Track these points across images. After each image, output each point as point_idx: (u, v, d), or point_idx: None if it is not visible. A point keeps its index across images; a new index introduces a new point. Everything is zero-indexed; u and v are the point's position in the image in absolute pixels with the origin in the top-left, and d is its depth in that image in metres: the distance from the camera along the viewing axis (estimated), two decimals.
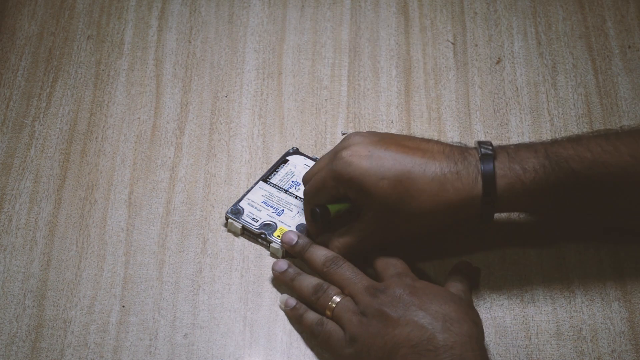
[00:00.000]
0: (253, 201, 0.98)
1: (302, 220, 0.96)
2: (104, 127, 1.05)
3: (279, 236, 0.95)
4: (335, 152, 0.91)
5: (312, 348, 0.90)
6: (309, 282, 0.91)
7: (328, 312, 0.89)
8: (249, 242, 0.97)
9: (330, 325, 0.88)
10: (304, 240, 0.94)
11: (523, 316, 0.92)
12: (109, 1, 1.16)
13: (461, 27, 1.14)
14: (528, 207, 0.94)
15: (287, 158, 1.01)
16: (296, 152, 1.02)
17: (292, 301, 0.92)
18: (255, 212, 0.97)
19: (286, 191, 0.99)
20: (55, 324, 0.91)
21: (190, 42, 1.13)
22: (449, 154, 0.90)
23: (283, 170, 1.00)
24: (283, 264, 0.93)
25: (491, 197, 0.89)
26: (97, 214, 0.99)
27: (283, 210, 0.97)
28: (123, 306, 0.92)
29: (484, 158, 0.89)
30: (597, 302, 0.93)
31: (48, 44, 1.12)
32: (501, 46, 1.13)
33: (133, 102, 1.07)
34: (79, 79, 1.09)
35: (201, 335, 0.91)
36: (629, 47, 1.13)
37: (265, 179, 1.00)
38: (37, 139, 1.04)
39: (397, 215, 0.89)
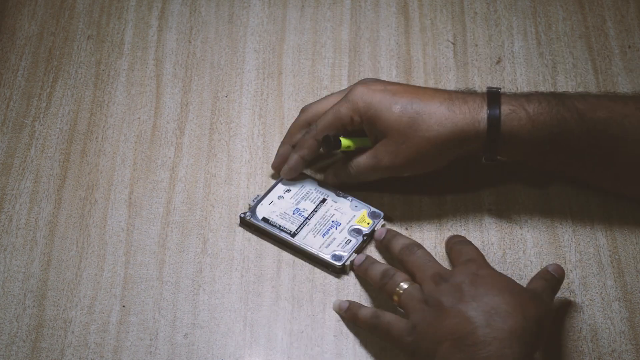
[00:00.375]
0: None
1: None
2: (104, 127, 1.05)
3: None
4: (349, 89, 0.97)
5: (312, 347, 0.90)
6: (378, 268, 0.92)
7: (395, 298, 0.89)
8: (249, 242, 0.97)
9: (388, 316, 0.88)
10: (391, 232, 0.95)
11: None
12: (109, 1, 1.16)
13: (461, 27, 1.14)
14: (531, 142, 0.93)
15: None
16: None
17: (345, 303, 0.92)
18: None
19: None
20: (55, 324, 0.91)
21: (190, 42, 1.13)
22: (455, 91, 0.96)
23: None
24: (361, 257, 0.94)
25: (497, 118, 0.92)
26: (97, 214, 0.99)
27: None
28: (123, 306, 0.92)
29: (489, 89, 0.94)
30: (597, 302, 0.93)
31: (48, 44, 1.12)
32: (501, 46, 1.13)
33: (133, 102, 1.07)
34: (79, 79, 1.09)
35: (201, 335, 0.91)
36: (629, 47, 1.13)
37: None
38: (37, 139, 1.04)
39: (408, 138, 0.93)
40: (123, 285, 0.94)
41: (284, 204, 0.98)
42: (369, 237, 0.97)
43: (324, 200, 0.98)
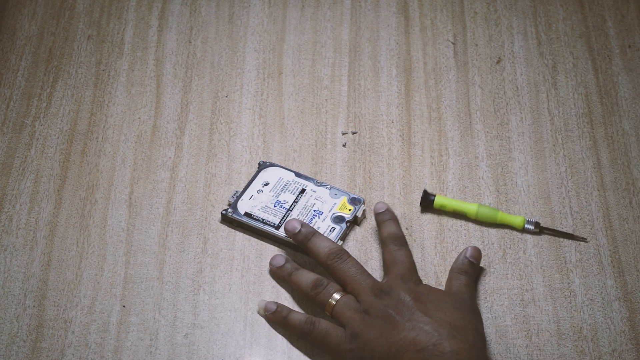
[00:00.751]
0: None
1: None
2: (104, 127, 1.05)
3: None
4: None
5: (312, 347, 0.90)
6: (307, 277, 0.91)
7: (328, 308, 0.89)
8: (249, 242, 0.97)
9: (323, 324, 0.88)
10: (308, 229, 0.94)
11: (523, 316, 0.92)
12: (109, 1, 1.16)
13: (461, 27, 1.14)
14: None
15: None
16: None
17: (272, 305, 0.91)
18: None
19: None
20: (55, 324, 0.91)
21: (190, 42, 1.13)
22: None
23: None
24: (280, 259, 0.93)
25: None
26: (97, 214, 0.99)
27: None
28: (123, 306, 0.92)
29: None
30: (598, 302, 0.93)
31: (48, 44, 1.12)
32: (501, 46, 1.13)
33: (133, 102, 1.07)
34: (79, 79, 1.09)
35: (202, 335, 0.91)
36: (629, 46, 1.13)
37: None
38: (38, 139, 1.04)
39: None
40: (123, 285, 0.94)
41: (264, 198, 0.98)
42: (352, 224, 0.97)
43: (303, 191, 0.99)
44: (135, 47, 1.12)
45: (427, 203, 0.98)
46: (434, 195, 0.98)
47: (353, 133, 1.05)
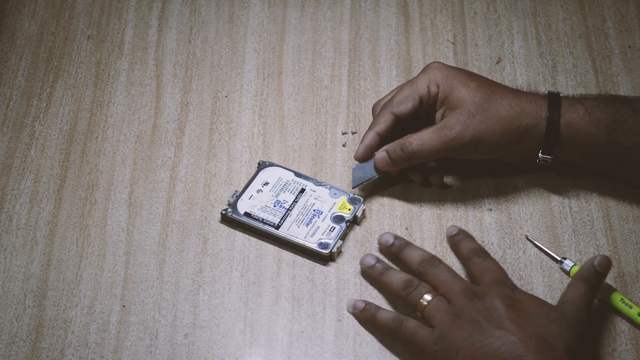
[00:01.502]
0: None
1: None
2: (104, 127, 1.05)
3: None
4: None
5: (312, 347, 0.90)
6: (399, 277, 0.91)
7: (419, 309, 0.89)
8: (249, 242, 0.97)
9: (411, 322, 0.88)
10: (401, 240, 0.94)
11: None
12: (109, 1, 1.16)
13: (461, 27, 1.14)
14: (588, 136, 0.95)
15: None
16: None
17: (361, 303, 0.92)
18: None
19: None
20: (55, 324, 0.91)
21: (190, 42, 1.13)
22: None
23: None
24: (371, 259, 0.93)
25: (558, 104, 0.94)
26: (97, 214, 0.99)
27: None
28: (123, 306, 0.92)
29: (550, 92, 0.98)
30: (597, 302, 0.93)
31: (48, 44, 1.12)
32: (501, 46, 1.13)
33: (133, 102, 1.07)
34: (79, 79, 1.09)
35: (201, 335, 0.91)
36: (629, 47, 1.13)
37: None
38: (37, 139, 1.04)
39: (481, 112, 0.95)
40: (123, 285, 0.94)
41: (263, 197, 0.98)
42: (352, 223, 0.97)
43: (302, 190, 0.99)
44: (135, 47, 1.12)
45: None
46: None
47: (353, 133, 1.05)
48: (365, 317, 0.91)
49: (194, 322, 0.92)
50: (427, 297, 0.89)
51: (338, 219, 0.97)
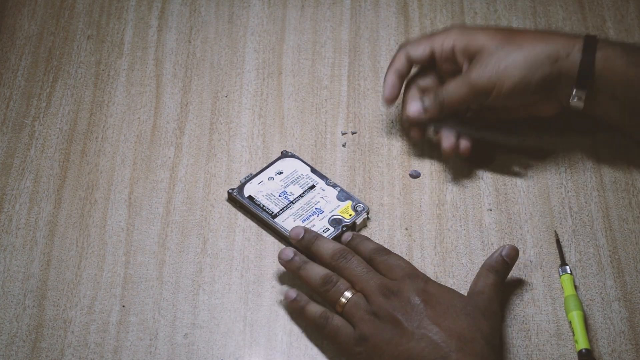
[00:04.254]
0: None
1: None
2: (104, 127, 1.05)
3: None
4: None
5: (312, 347, 0.90)
6: (316, 272, 0.91)
7: (338, 307, 0.89)
8: (249, 242, 0.97)
9: (337, 320, 0.88)
10: (311, 233, 0.94)
11: (523, 316, 0.92)
12: (109, 1, 1.16)
13: None
14: (625, 77, 0.93)
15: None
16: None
17: (293, 293, 0.91)
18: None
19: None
20: (55, 324, 0.91)
21: (190, 42, 1.13)
22: None
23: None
24: (289, 252, 0.92)
25: (593, 37, 0.93)
26: (97, 214, 0.99)
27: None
28: (123, 306, 0.92)
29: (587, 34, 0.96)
30: (597, 302, 0.93)
31: (48, 44, 1.12)
32: None
33: (133, 102, 1.07)
34: (79, 79, 1.09)
35: (201, 335, 0.91)
36: None
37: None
38: (37, 139, 1.04)
39: (502, 49, 0.94)
40: (123, 285, 0.94)
41: (272, 185, 0.98)
42: (349, 229, 0.97)
43: (312, 187, 0.99)
44: (135, 47, 1.12)
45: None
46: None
47: (353, 133, 1.05)
48: (295, 308, 0.91)
49: (194, 322, 0.92)
50: (347, 294, 0.89)
51: (336, 221, 0.97)
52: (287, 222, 0.96)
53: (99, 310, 0.92)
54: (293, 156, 1.01)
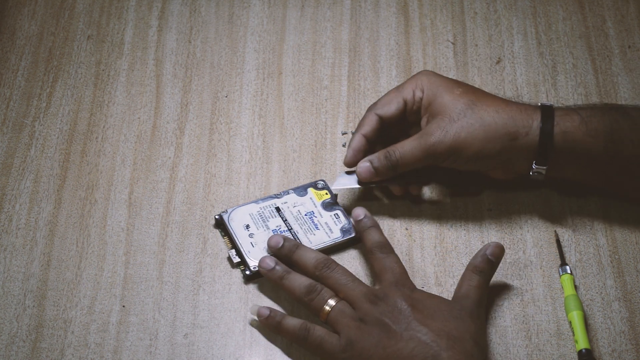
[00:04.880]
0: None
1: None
2: (104, 127, 1.05)
3: None
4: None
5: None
6: (300, 281, 0.90)
7: (323, 315, 0.89)
8: None
9: (319, 330, 0.88)
10: (291, 242, 0.93)
11: (523, 316, 0.92)
12: (109, 1, 1.16)
13: (461, 27, 1.14)
14: (585, 147, 0.92)
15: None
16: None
17: (265, 310, 0.90)
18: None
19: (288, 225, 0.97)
20: (55, 324, 0.91)
21: (190, 42, 1.13)
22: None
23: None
24: (270, 262, 0.92)
25: (550, 113, 0.92)
26: (97, 214, 0.99)
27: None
28: (123, 306, 0.92)
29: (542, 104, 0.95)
30: (597, 302, 0.93)
31: (48, 44, 1.12)
32: (501, 46, 1.13)
33: (133, 102, 1.07)
34: (79, 79, 1.09)
35: (201, 335, 0.91)
36: (629, 47, 1.13)
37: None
38: (37, 139, 1.04)
39: (463, 117, 0.93)
40: (123, 285, 0.94)
41: (261, 237, 0.95)
42: (335, 201, 0.98)
43: (278, 209, 0.98)
44: (135, 47, 1.12)
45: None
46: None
47: (353, 133, 1.05)
48: (270, 325, 0.90)
49: (194, 322, 0.92)
50: (331, 302, 0.88)
51: (328, 205, 0.97)
52: (314, 240, 0.95)
53: (99, 310, 0.92)
54: (228, 211, 0.97)
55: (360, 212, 0.94)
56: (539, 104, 0.95)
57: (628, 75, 1.10)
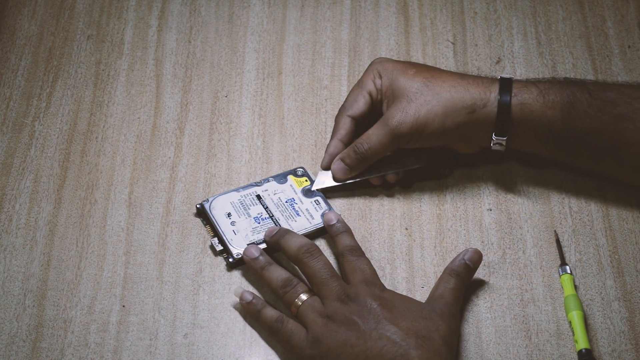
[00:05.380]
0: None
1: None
2: (104, 127, 1.05)
3: None
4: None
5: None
6: (278, 274, 0.91)
7: (293, 309, 0.89)
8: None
9: (291, 324, 0.88)
10: (283, 229, 0.94)
11: (523, 316, 0.92)
12: (109, 1, 1.16)
13: (461, 27, 1.14)
14: (543, 119, 0.94)
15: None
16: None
17: (249, 295, 0.91)
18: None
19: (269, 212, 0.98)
20: (55, 324, 0.91)
21: (190, 42, 1.13)
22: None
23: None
24: (255, 251, 0.93)
25: (509, 84, 0.94)
26: (97, 214, 0.99)
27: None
28: (123, 306, 0.92)
29: (502, 76, 0.96)
30: (597, 302, 0.93)
31: (48, 44, 1.12)
32: (501, 46, 1.13)
33: (133, 102, 1.07)
34: (79, 79, 1.09)
35: (201, 335, 0.91)
36: (629, 47, 1.13)
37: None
38: (37, 138, 1.04)
39: (420, 96, 0.94)
40: (123, 285, 0.94)
41: (244, 224, 0.96)
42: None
43: (259, 197, 0.98)
44: (135, 47, 1.12)
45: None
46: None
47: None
48: (251, 311, 0.91)
49: (194, 322, 0.92)
50: (303, 297, 0.89)
51: (309, 192, 0.99)
52: (295, 226, 0.97)
53: (99, 310, 0.92)
54: (209, 200, 0.98)
55: (332, 216, 0.96)
56: (499, 76, 0.96)
57: (628, 75, 1.10)
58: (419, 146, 0.97)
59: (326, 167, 1.00)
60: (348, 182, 0.99)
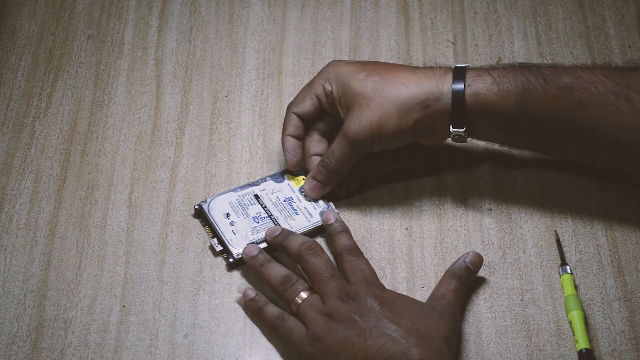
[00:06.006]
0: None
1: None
2: (104, 127, 1.05)
3: None
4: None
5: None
6: (277, 271, 0.91)
7: (293, 307, 0.89)
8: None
9: (292, 322, 0.88)
10: (286, 230, 0.94)
11: (523, 316, 0.92)
12: (109, 1, 1.16)
13: (461, 27, 1.14)
14: (498, 108, 0.93)
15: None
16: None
17: (251, 292, 0.91)
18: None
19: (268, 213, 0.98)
20: (55, 324, 0.91)
21: (190, 42, 1.13)
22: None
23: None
24: (254, 249, 0.93)
25: (462, 75, 0.93)
26: (97, 214, 0.99)
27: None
28: (123, 306, 0.93)
29: (456, 65, 0.95)
30: (597, 302, 0.93)
31: (48, 44, 1.12)
32: (501, 46, 1.13)
33: (133, 102, 1.07)
34: (79, 79, 1.09)
35: (201, 335, 0.91)
36: (629, 46, 1.13)
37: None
38: (37, 139, 1.04)
39: (372, 101, 0.93)
40: (123, 285, 0.94)
41: (243, 224, 0.96)
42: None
43: (257, 197, 0.98)
44: (135, 47, 1.12)
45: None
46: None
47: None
48: (253, 308, 0.91)
49: (194, 322, 0.92)
50: (303, 294, 0.89)
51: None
52: (294, 224, 0.96)
53: (99, 310, 0.92)
54: (207, 200, 0.98)
55: (330, 216, 0.96)
56: (454, 65, 0.95)
57: None
58: (384, 149, 0.96)
59: (293, 164, 0.99)
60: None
